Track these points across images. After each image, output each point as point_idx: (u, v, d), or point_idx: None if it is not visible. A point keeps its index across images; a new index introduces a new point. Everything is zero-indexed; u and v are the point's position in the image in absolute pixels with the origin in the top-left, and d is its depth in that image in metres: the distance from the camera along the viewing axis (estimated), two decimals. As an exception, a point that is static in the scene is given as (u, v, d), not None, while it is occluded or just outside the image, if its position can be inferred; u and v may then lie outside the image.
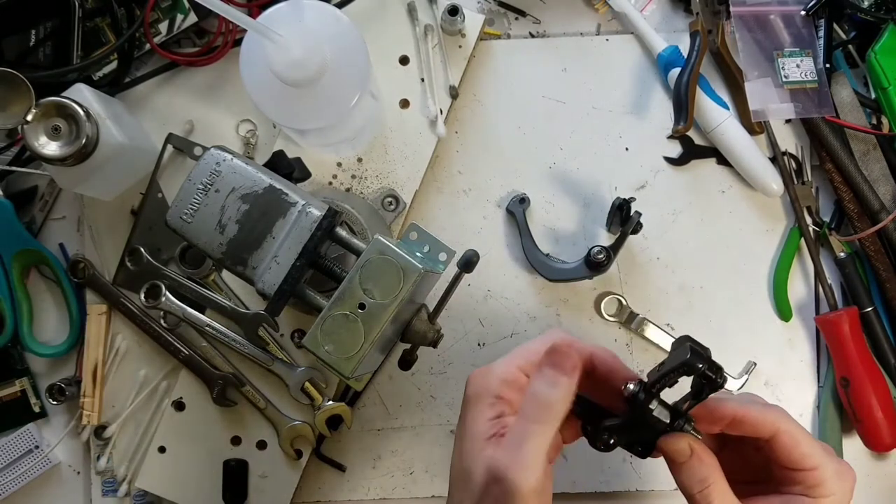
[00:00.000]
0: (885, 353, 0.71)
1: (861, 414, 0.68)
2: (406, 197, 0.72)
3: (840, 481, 0.48)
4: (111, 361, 0.73)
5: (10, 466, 0.73)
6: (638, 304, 0.73)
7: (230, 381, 0.71)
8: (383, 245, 0.52)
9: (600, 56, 0.75)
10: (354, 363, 0.52)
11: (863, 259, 0.73)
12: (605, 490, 0.72)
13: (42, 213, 0.76)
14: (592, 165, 0.74)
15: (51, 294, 0.75)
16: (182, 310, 0.71)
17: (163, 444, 0.72)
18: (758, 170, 0.72)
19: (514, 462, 0.44)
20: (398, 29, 0.73)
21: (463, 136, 0.75)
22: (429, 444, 0.74)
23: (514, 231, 0.74)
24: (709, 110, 0.71)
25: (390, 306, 0.52)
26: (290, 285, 0.53)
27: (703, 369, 0.45)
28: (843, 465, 0.49)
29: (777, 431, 0.48)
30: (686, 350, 0.46)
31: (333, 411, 0.71)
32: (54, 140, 0.63)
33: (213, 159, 0.54)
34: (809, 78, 0.71)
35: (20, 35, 0.72)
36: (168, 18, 0.73)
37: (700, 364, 0.45)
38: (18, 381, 0.74)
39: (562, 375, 0.46)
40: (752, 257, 0.74)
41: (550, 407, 0.46)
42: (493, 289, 0.74)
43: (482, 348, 0.74)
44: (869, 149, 0.72)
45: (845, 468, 0.49)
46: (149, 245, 0.72)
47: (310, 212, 0.53)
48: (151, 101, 0.75)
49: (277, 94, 0.59)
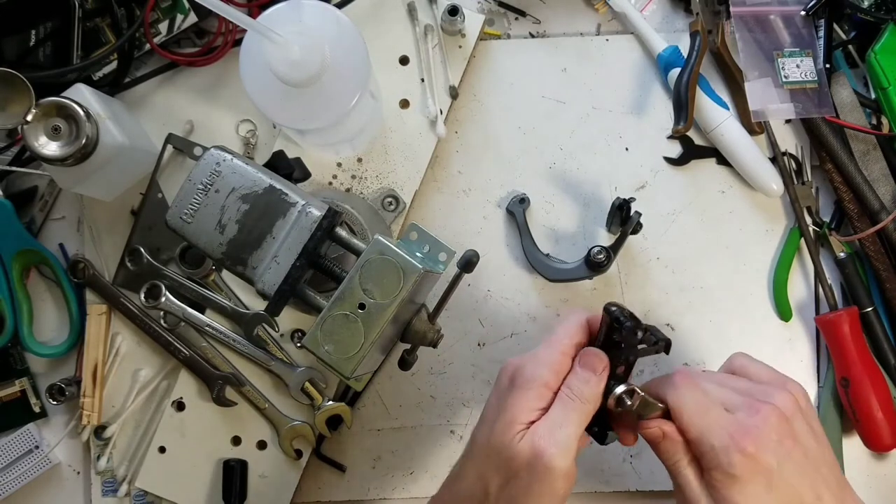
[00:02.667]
0: (885, 353, 0.70)
1: (861, 414, 0.68)
2: (406, 197, 0.72)
3: (733, 449, 0.48)
4: (111, 361, 0.73)
5: (10, 466, 0.73)
6: (638, 304, 0.73)
7: (230, 381, 0.71)
8: (383, 245, 0.52)
9: (600, 56, 0.75)
10: (354, 363, 0.52)
11: (863, 259, 0.73)
12: (605, 490, 0.72)
13: (42, 213, 0.76)
14: (592, 165, 0.74)
15: (51, 294, 0.75)
16: (182, 310, 0.71)
17: (163, 444, 0.72)
18: (758, 170, 0.72)
19: (554, 445, 0.49)
20: (398, 29, 0.73)
21: (463, 136, 0.75)
22: (429, 444, 0.74)
23: (514, 231, 0.74)
24: (709, 110, 0.71)
25: (390, 306, 0.52)
26: (290, 285, 0.53)
27: (616, 313, 0.52)
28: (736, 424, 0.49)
29: (670, 408, 0.52)
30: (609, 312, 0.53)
31: (333, 411, 0.71)
32: (54, 140, 0.63)
33: (213, 159, 0.54)
34: (809, 78, 0.71)
35: (20, 35, 0.72)
36: (168, 18, 0.73)
37: (613, 308, 0.53)
38: (18, 381, 0.74)
39: (593, 375, 0.52)
40: (752, 257, 0.74)
41: (586, 400, 0.52)
42: (493, 289, 0.74)
43: (482, 348, 0.74)
44: (869, 149, 0.72)
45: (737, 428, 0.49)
46: (149, 245, 0.72)
47: (310, 212, 0.53)
48: (151, 101, 0.75)
49: (277, 94, 0.59)
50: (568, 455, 0.50)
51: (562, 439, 0.50)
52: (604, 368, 0.53)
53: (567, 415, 0.51)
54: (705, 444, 0.49)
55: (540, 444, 0.49)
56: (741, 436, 0.48)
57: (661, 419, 0.52)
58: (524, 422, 0.51)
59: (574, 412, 0.51)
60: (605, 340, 0.54)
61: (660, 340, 0.53)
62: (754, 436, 0.48)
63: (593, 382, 0.52)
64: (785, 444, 0.49)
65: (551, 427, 0.50)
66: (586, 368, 0.52)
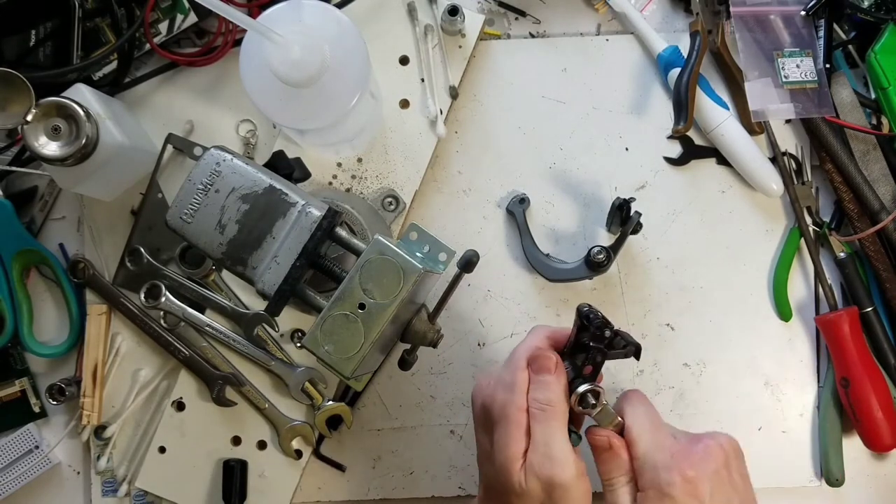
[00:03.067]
0: (885, 353, 0.70)
1: (861, 414, 0.68)
2: (406, 197, 0.72)
3: (662, 471, 0.50)
4: (111, 361, 0.73)
5: (10, 466, 0.73)
6: (638, 304, 0.73)
7: (230, 381, 0.71)
8: (383, 245, 0.52)
9: (600, 56, 0.75)
10: (354, 363, 0.52)
11: (863, 259, 0.72)
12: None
13: (42, 213, 0.76)
14: (592, 165, 0.74)
15: (51, 294, 0.75)
16: (182, 310, 0.71)
17: (163, 444, 0.72)
18: (758, 170, 0.72)
19: (555, 465, 0.50)
20: (398, 29, 0.73)
21: (463, 136, 0.75)
22: (429, 444, 0.74)
23: (514, 231, 0.74)
24: (709, 110, 0.71)
25: (390, 306, 0.52)
26: (290, 285, 0.53)
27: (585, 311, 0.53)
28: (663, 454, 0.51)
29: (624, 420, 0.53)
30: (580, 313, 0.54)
31: (333, 411, 0.71)
32: (54, 140, 0.63)
33: (213, 159, 0.54)
34: (809, 78, 0.71)
35: (20, 35, 0.72)
36: (168, 18, 0.73)
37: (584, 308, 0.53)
38: (18, 381, 0.74)
39: (549, 375, 0.53)
40: (752, 257, 0.74)
41: (553, 405, 0.52)
42: (493, 289, 0.74)
43: (482, 348, 0.74)
44: (869, 149, 0.72)
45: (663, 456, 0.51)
46: (149, 245, 0.72)
47: (310, 212, 0.53)
48: (151, 101, 0.75)
49: (277, 94, 0.59)
50: (570, 464, 0.50)
51: (557, 454, 0.51)
52: (556, 364, 0.53)
53: (547, 428, 0.51)
54: (648, 461, 0.51)
55: (543, 473, 0.50)
56: (683, 458, 0.50)
57: (612, 431, 0.53)
58: (518, 458, 0.51)
59: (552, 424, 0.52)
60: (575, 342, 0.54)
61: (629, 345, 0.54)
62: (695, 461, 0.50)
63: (553, 382, 0.53)
64: (721, 475, 0.51)
65: (542, 450, 0.51)
66: (541, 372, 0.53)
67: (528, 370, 0.54)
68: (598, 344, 0.53)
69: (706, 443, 0.51)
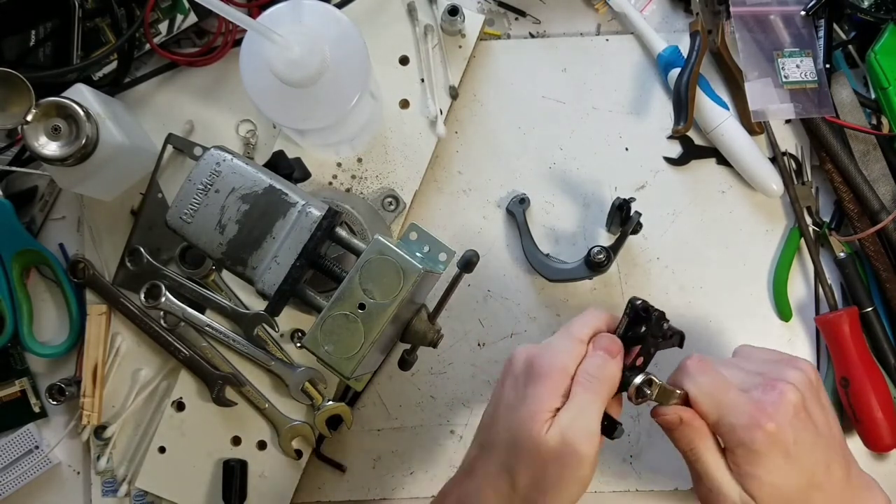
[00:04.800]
0: (885, 353, 0.70)
1: (861, 414, 0.68)
2: (406, 197, 0.72)
3: (748, 426, 0.50)
4: (111, 361, 0.73)
5: (10, 466, 0.73)
6: (638, 304, 0.73)
7: (230, 381, 0.71)
8: (383, 245, 0.52)
9: (600, 56, 0.75)
10: (354, 363, 0.52)
11: (863, 259, 0.73)
12: (605, 490, 0.72)
13: (42, 213, 0.76)
14: (592, 165, 0.74)
15: (51, 294, 0.75)
16: (182, 310, 0.71)
17: (163, 444, 0.72)
18: (758, 170, 0.72)
19: (581, 432, 0.50)
20: (398, 29, 0.73)
21: (463, 136, 0.75)
22: (429, 444, 0.74)
23: (514, 231, 0.74)
24: (709, 110, 0.71)
25: (390, 306, 0.52)
26: (290, 285, 0.53)
27: (642, 305, 0.54)
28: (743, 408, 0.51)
29: (689, 394, 0.53)
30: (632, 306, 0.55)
31: (333, 411, 0.71)
32: (54, 140, 0.63)
33: (213, 159, 0.54)
34: (809, 78, 0.71)
35: (20, 35, 0.72)
36: (168, 18, 0.73)
37: (639, 301, 0.54)
38: (18, 381, 0.74)
39: (609, 357, 0.53)
40: (752, 257, 0.74)
41: (604, 382, 0.52)
42: (493, 289, 0.74)
43: (482, 348, 0.74)
44: (869, 149, 0.72)
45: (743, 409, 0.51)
46: (149, 245, 0.72)
47: (310, 212, 0.53)
48: (151, 101, 0.75)
49: (277, 94, 0.59)
50: (594, 441, 0.50)
51: (587, 425, 0.50)
52: (618, 351, 0.53)
53: (588, 399, 0.51)
54: (725, 425, 0.51)
55: (568, 434, 0.50)
56: (760, 413, 0.50)
57: (678, 406, 0.53)
58: (548, 411, 0.51)
59: (594, 395, 0.51)
60: (625, 333, 0.55)
61: (675, 334, 0.55)
62: (772, 412, 0.50)
63: (610, 365, 0.53)
64: (800, 417, 0.51)
65: (576, 414, 0.51)
66: (602, 350, 0.53)
67: (588, 346, 0.54)
68: (657, 335, 0.54)
69: (780, 388, 0.51)
